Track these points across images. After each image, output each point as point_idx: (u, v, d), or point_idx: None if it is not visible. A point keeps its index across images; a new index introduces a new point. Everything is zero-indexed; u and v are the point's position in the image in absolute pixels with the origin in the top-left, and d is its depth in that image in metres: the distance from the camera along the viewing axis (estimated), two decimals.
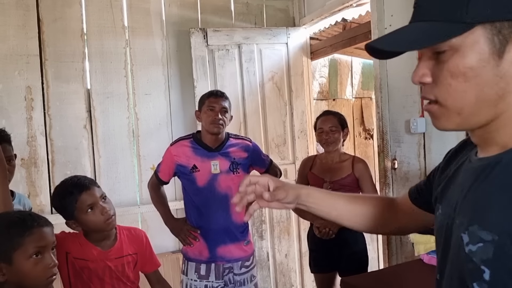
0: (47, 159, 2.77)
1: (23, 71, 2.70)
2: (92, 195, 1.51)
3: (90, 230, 1.54)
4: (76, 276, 1.51)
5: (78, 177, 1.56)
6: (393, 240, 2.49)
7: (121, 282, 1.56)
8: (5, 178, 1.42)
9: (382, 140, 2.50)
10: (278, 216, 3.25)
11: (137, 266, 1.63)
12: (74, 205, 1.49)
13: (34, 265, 1.13)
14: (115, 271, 1.55)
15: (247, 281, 2.19)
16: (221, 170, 2.11)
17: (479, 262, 0.57)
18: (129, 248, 1.61)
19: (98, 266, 1.52)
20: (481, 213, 0.59)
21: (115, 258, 1.56)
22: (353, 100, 4.00)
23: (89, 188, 1.51)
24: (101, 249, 1.55)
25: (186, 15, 3.11)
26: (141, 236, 1.68)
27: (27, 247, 1.12)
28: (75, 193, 1.49)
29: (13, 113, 2.68)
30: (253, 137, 3.09)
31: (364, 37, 2.80)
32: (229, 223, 2.15)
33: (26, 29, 2.71)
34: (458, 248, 0.62)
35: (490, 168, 0.60)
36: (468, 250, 0.59)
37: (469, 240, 0.59)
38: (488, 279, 0.56)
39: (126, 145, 2.96)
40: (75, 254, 1.51)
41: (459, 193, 0.67)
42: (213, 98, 2.11)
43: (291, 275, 3.29)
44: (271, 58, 3.21)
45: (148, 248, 1.69)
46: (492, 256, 0.55)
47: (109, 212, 1.52)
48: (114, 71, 2.92)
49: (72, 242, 1.53)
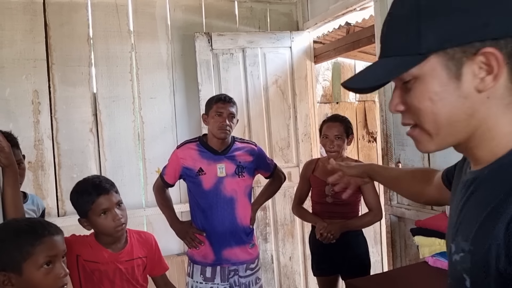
0: (53, 162, 2.79)
1: (30, 75, 2.74)
2: (109, 200, 1.53)
3: (99, 232, 1.56)
4: (86, 278, 1.53)
5: (100, 179, 1.58)
6: (397, 242, 2.50)
7: (131, 284, 1.58)
8: (17, 182, 1.45)
9: (386, 143, 2.51)
10: (282, 219, 3.26)
11: (146, 270, 1.64)
12: (90, 205, 1.51)
13: (44, 275, 1.10)
14: (125, 273, 1.57)
15: (252, 283, 2.20)
16: (227, 173, 2.13)
17: (461, 270, 0.63)
18: (139, 251, 1.62)
19: (108, 268, 1.54)
20: (464, 225, 0.64)
21: (125, 261, 1.58)
22: (356, 103, 4.01)
23: (108, 192, 1.53)
24: (111, 251, 1.57)
25: (190, 19, 3.14)
26: (150, 240, 1.69)
27: (38, 257, 1.09)
28: (93, 195, 1.51)
29: (20, 116, 2.71)
30: (257, 140, 3.11)
31: (368, 41, 2.82)
32: (235, 226, 2.16)
33: (33, 33, 2.75)
34: (449, 257, 0.68)
35: (474, 182, 0.65)
36: (454, 259, 0.65)
37: (455, 250, 0.65)
38: (469, 287, 0.61)
39: (131, 149, 2.99)
40: (85, 256, 1.53)
41: (455, 203, 0.71)
42: (221, 104, 2.13)
43: (295, 278, 3.30)
44: (275, 61, 3.24)
45: (157, 252, 1.71)
46: (470, 265, 0.60)
47: (120, 220, 1.53)
48: (119, 75, 2.95)
49: (82, 244, 1.55)
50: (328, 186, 2.32)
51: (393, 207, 2.47)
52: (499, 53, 0.57)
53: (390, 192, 2.51)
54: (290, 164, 3.28)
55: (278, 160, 3.24)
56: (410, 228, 1.95)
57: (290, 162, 3.28)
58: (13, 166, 1.42)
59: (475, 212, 0.61)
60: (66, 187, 2.82)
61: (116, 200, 1.55)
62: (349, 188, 1.25)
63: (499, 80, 0.58)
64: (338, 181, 1.26)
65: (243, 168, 2.18)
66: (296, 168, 3.25)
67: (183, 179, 2.22)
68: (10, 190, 1.41)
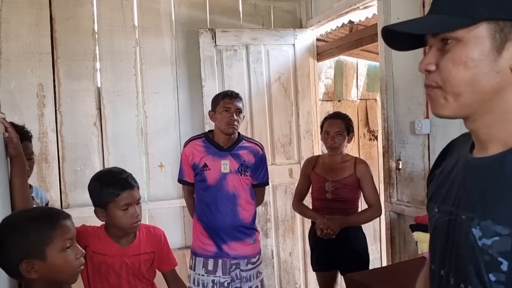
0: (57, 155, 2.83)
1: (35, 68, 2.76)
2: (132, 196, 1.55)
3: (114, 225, 1.57)
4: (94, 270, 1.55)
5: (127, 173, 1.59)
6: (396, 239, 2.53)
7: (137, 279, 1.60)
8: (24, 172, 1.47)
9: (387, 141, 2.54)
10: (283, 215, 3.29)
11: (153, 265, 1.66)
12: (113, 197, 1.52)
13: (66, 258, 1.14)
14: (132, 268, 1.58)
15: (253, 277, 2.24)
16: (230, 170, 2.16)
17: (496, 254, 0.61)
18: (146, 247, 1.64)
19: (115, 262, 1.56)
20: (493, 208, 0.63)
21: (132, 255, 1.59)
22: (358, 102, 4.04)
23: (133, 188, 1.56)
24: (119, 245, 1.58)
25: (195, 15, 3.16)
26: (159, 235, 1.71)
27: (58, 241, 1.13)
28: (119, 188, 1.53)
29: (25, 109, 2.74)
30: (259, 136, 3.14)
31: (371, 40, 2.84)
32: (236, 221, 2.19)
33: (38, 27, 2.77)
34: (467, 242, 0.66)
35: (497, 166, 0.64)
36: (482, 244, 0.63)
37: (482, 234, 0.64)
38: (506, 270, 0.60)
39: (134, 143, 3.02)
40: (94, 248, 1.55)
41: (459, 190, 0.71)
42: (228, 99, 2.15)
43: (295, 273, 3.33)
44: (278, 59, 3.26)
45: (166, 247, 1.72)
46: (510, 248, 0.60)
47: (138, 217, 1.56)
48: (124, 70, 2.97)
49: (91, 236, 1.57)
50: (328, 182, 2.36)
51: (393, 204, 2.50)
52: None
53: (390, 189, 2.53)
54: (292, 160, 3.31)
55: (280, 156, 3.28)
56: (409, 224, 1.97)
57: (291, 158, 3.31)
58: (21, 156, 1.44)
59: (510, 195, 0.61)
60: (70, 180, 2.86)
61: (138, 197, 1.58)
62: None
63: None
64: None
65: (247, 168, 2.20)
66: (298, 165, 3.28)
67: None
68: (18, 181, 1.44)
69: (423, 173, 2.31)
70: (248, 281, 2.22)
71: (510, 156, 0.63)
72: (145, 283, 1.63)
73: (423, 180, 2.32)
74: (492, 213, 0.63)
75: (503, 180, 0.63)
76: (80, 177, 2.87)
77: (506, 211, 0.61)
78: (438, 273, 0.75)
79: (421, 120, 2.25)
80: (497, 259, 0.61)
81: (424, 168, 2.31)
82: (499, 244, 0.61)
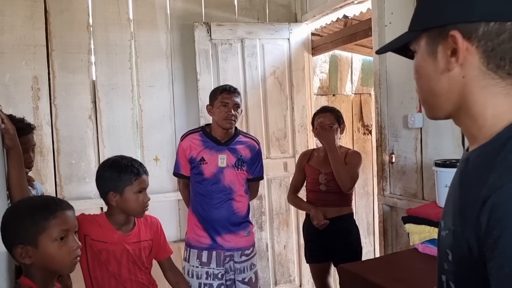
0: (52, 148, 2.83)
1: (30, 61, 2.76)
2: (145, 181, 1.63)
3: (126, 209, 1.62)
4: (94, 258, 1.58)
5: (138, 162, 1.66)
6: (389, 231, 2.56)
7: (137, 266, 1.63)
8: (21, 164, 1.48)
9: (380, 134, 2.56)
10: (277, 208, 3.32)
11: (151, 253, 1.70)
12: (131, 181, 1.59)
13: (59, 248, 1.16)
14: (133, 254, 1.62)
15: (247, 269, 2.26)
16: (227, 164, 2.18)
17: (446, 246, 0.68)
18: (145, 234, 1.68)
19: (116, 249, 1.59)
20: (450, 205, 0.69)
21: (133, 242, 1.63)
22: (352, 96, 4.06)
23: (147, 174, 1.65)
24: (121, 232, 1.63)
25: (190, 9, 3.16)
26: (156, 223, 1.76)
27: (52, 230, 1.15)
28: (138, 173, 1.61)
29: (20, 102, 2.74)
30: (254, 130, 3.16)
31: (365, 34, 2.86)
32: (231, 214, 2.22)
33: (33, 20, 2.76)
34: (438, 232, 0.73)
35: (465, 163, 0.70)
36: (441, 236, 0.71)
37: (443, 227, 0.71)
38: (451, 260, 0.67)
39: (130, 136, 3.02)
40: (93, 236, 1.58)
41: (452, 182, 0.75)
42: (226, 94, 2.17)
43: (289, 266, 3.37)
44: (273, 53, 3.27)
45: (162, 235, 1.77)
46: (452, 241, 0.66)
47: (148, 203, 1.64)
48: (119, 63, 2.97)
49: (91, 224, 1.60)
50: (322, 174, 2.39)
51: (386, 197, 2.53)
52: (460, 36, 0.62)
53: (383, 182, 2.57)
54: (287, 154, 3.33)
55: (275, 150, 3.30)
56: (401, 217, 2.01)
57: (286, 152, 3.33)
58: (17, 148, 1.45)
59: (459, 193, 0.66)
60: (65, 172, 2.86)
61: (148, 184, 1.65)
62: None
63: (465, 62, 0.64)
64: None
65: (244, 162, 2.23)
66: (292, 159, 3.30)
67: None
68: (15, 172, 1.44)
69: (416, 167, 2.34)
70: (242, 273, 2.24)
71: (471, 156, 0.67)
72: (144, 272, 1.66)
73: (415, 174, 2.35)
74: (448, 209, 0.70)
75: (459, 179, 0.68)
76: (75, 170, 2.87)
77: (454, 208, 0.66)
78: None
79: (413, 114, 2.28)
80: (446, 251, 0.67)
81: (416, 161, 2.34)
82: (447, 237, 0.67)
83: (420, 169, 2.32)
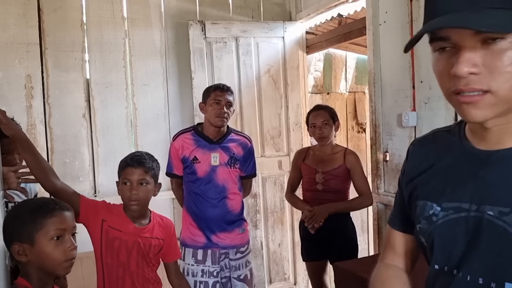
0: (46, 147, 2.81)
1: (23, 59, 2.74)
2: (133, 173, 1.64)
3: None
4: (107, 243, 1.62)
5: (143, 154, 1.72)
6: (383, 229, 2.58)
7: (145, 260, 1.67)
8: (31, 146, 1.50)
9: (374, 133, 2.58)
10: (272, 206, 3.33)
11: (160, 252, 1.73)
12: (121, 172, 1.68)
13: (54, 247, 1.18)
14: (143, 248, 1.65)
15: (242, 266, 2.27)
16: (220, 162, 2.19)
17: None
18: (158, 233, 1.72)
19: (129, 239, 1.63)
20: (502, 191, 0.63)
21: (145, 237, 1.67)
22: (346, 94, 4.07)
23: (136, 167, 1.65)
24: (136, 224, 1.67)
25: (184, 7, 3.15)
26: (170, 225, 1.80)
27: (49, 229, 1.17)
28: (125, 164, 1.67)
29: (13, 101, 2.72)
30: (249, 128, 3.16)
31: (359, 33, 2.87)
32: (225, 212, 2.23)
33: (26, 18, 2.74)
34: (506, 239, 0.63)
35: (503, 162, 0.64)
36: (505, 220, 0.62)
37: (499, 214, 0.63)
38: None
39: (124, 135, 3.01)
40: (110, 223, 1.63)
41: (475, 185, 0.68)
42: (219, 92, 2.18)
43: (284, 264, 3.38)
44: (267, 51, 3.27)
45: (174, 238, 1.80)
46: None
47: (134, 195, 1.63)
48: (113, 62, 2.96)
49: (109, 211, 1.66)
50: (319, 173, 2.39)
51: (380, 195, 2.55)
52: None
53: (377, 180, 2.58)
54: (281, 152, 3.34)
55: (269, 148, 3.30)
56: None
57: (281, 150, 3.34)
58: (19, 133, 1.47)
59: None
60: (59, 171, 2.77)
61: (139, 177, 1.64)
62: None
63: None
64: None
65: (236, 160, 2.24)
66: (287, 157, 3.31)
67: None
68: (29, 156, 1.47)
69: None
70: (237, 270, 2.25)
71: None
72: (150, 268, 1.69)
73: None
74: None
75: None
76: (69, 169, 2.86)
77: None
78: (450, 272, 0.72)
79: (408, 113, 2.29)
80: None
81: None
82: None
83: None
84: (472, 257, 0.68)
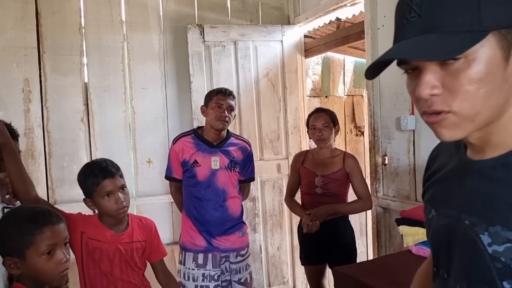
0: (44, 151, 2.80)
1: (21, 63, 2.73)
2: (113, 183, 1.57)
3: (102, 213, 1.61)
4: (88, 255, 1.59)
5: (107, 163, 1.62)
6: (382, 233, 2.58)
7: (129, 266, 1.63)
8: (17, 158, 1.44)
9: (373, 136, 2.58)
10: (271, 210, 3.32)
11: (144, 254, 1.70)
12: (95, 187, 1.56)
13: (46, 262, 1.15)
14: (125, 254, 1.62)
15: (243, 269, 2.27)
16: (220, 166, 2.19)
17: (509, 261, 0.59)
18: (139, 235, 1.68)
19: (109, 248, 1.60)
20: (502, 214, 0.61)
21: (125, 242, 1.63)
22: (345, 98, 4.08)
23: (113, 176, 1.58)
24: (113, 232, 1.62)
25: (183, 11, 3.15)
26: (150, 225, 1.75)
27: (39, 245, 1.14)
28: (99, 177, 1.56)
29: (11, 105, 2.71)
30: (247, 132, 3.16)
31: (357, 37, 2.88)
32: (225, 216, 2.22)
33: (24, 21, 2.73)
34: (475, 249, 0.63)
35: (503, 168, 0.62)
36: (493, 251, 0.61)
37: (492, 241, 0.61)
38: None
39: (122, 139, 3.00)
40: (89, 234, 1.59)
41: (460, 193, 0.69)
42: (221, 96, 2.18)
43: (282, 268, 3.37)
44: (266, 55, 3.28)
45: (156, 237, 1.76)
46: None
47: (123, 203, 1.59)
48: (111, 65, 2.95)
49: (87, 223, 1.61)
50: (318, 177, 2.39)
51: (379, 198, 2.55)
52: None
53: (376, 184, 2.58)
54: (280, 156, 3.34)
55: (268, 152, 3.30)
56: (395, 218, 2.02)
57: (279, 154, 3.34)
58: (9, 143, 1.41)
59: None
60: (57, 176, 2.84)
61: (120, 184, 1.60)
62: None
63: None
64: None
65: (236, 164, 2.24)
66: (286, 160, 3.31)
67: None
68: (13, 167, 1.41)
69: (408, 168, 2.36)
70: (237, 273, 2.25)
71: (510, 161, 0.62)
72: (136, 272, 1.66)
73: (408, 175, 2.37)
74: (502, 219, 0.60)
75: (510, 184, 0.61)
76: (67, 173, 2.84)
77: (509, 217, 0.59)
78: (442, 276, 0.73)
79: (406, 116, 2.29)
80: (510, 266, 0.59)
81: (409, 163, 2.36)
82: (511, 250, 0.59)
83: (413, 170, 2.34)
84: (454, 263, 0.69)
